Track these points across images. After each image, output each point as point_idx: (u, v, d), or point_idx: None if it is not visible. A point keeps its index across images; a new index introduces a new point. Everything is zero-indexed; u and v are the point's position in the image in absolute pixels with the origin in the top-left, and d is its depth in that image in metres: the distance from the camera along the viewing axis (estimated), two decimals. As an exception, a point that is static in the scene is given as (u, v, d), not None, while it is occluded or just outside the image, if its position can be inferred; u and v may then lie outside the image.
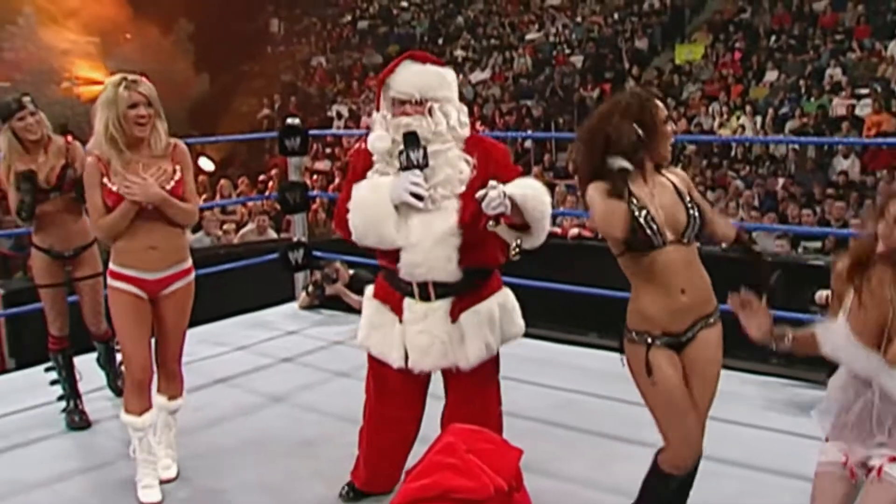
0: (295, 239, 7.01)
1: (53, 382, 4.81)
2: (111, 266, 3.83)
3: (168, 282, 3.84)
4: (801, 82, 15.05)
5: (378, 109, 3.53)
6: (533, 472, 3.41)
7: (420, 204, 3.34)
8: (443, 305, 3.47)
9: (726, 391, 4.94)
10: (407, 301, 3.50)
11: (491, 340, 3.52)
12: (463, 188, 3.41)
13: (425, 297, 3.47)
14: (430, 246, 3.37)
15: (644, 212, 2.89)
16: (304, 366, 5.70)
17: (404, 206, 3.35)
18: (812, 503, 2.74)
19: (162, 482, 3.94)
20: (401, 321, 3.51)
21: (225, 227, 10.86)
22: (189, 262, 3.94)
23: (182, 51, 24.36)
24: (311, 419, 4.76)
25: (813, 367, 4.11)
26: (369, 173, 3.46)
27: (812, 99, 14.64)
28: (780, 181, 12.80)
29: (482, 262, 3.49)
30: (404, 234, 3.37)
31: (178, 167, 3.80)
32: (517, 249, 3.41)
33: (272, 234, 9.93)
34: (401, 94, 3.40)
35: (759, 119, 14.76)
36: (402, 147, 3.35)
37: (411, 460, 3.46)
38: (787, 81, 15.36)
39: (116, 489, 3.99)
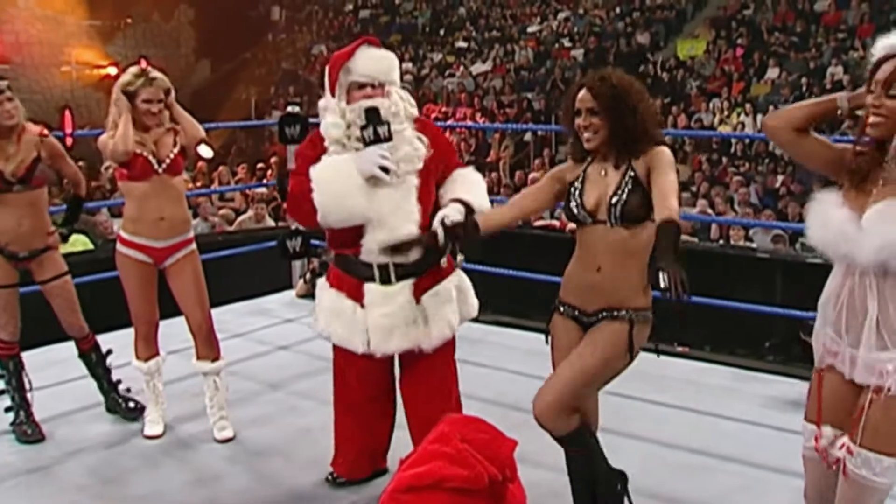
0: (293, 227, 7.00)
1: (1, 392, 4.49)
2: (121, 233, 4.22)
3: (173, 250, 4.24)
4: (803, 80, 15.03)
5: (333, 95, 3.50)
6: (528, 463, 3.41)
7: (387, 177, 3.37)
8: (404, 287, 3.51)
9: (724, 387, 5.01)
10: (367, 286, 3.51)
11: (452, 321, 3.58)
12: (421, 165, 3.49)
13: (386, 280, 3.49)
14: (395, 223, 3.41)
15: (577, 189, 3.06)
16: (301, 353, 5.70)
17: (369, 182, 3.38)
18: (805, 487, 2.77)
19: (220, 441, 4.29)
20: (362, 306, 3.52)
21: (222, 212, 10.84)
22: (192, 234, 4.35)
23: (183, 37, 24.32)
24: (308, 407, 4.76)
25: (808, 363, 4.12)
26: (324, 157, 3.46)
27: (813, 97, 14.59)
28: (780, 178, 12.79)
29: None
30: (376, 207, 3.40)
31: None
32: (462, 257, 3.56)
33: (270, 223, 9.92)
34: (362, 78, 3.43)
35: (759, 116, 14.74)
36: (363, 123, 3.38)
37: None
38: (789, 79, 15.32)
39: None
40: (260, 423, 4.52)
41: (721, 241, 9.73)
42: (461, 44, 21.20)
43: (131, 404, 4.61)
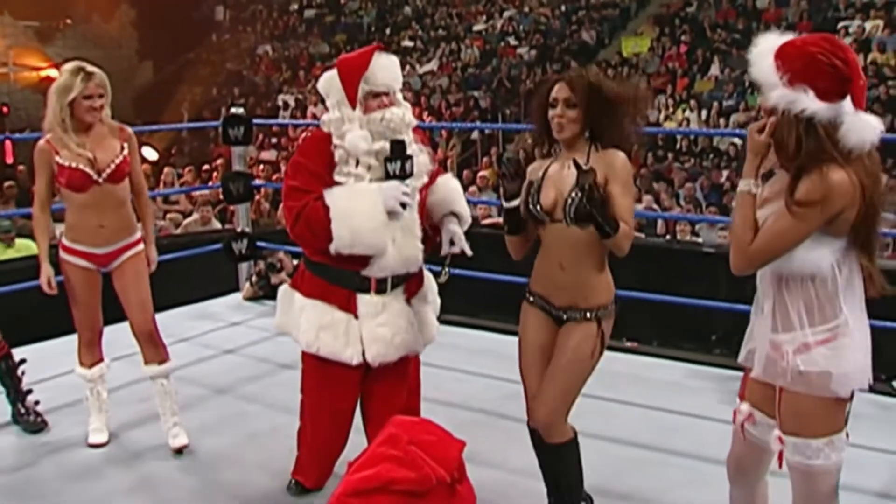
0: (239, 229, 6.93)
1: None
2: (62, 240, 4.13)
3: (116, 255, 4.14)
4: (746, 76, 15.24)
5: (352, 106, 3.37)
6: (477, 463, 3.41)
7: (405, 212, 3.35)
8: (398, 293, 3.50)
9: (672, 382, 5.04)
10: (361, 296, 3.45)
11: (435, 322, 3.66)
12: (426, 179, 3.49)
13: (381, 290, 3.46)
14: (403, 242, 3.40)
15: (534, 188, 3.06)
16: (247, 357, 5.64)
17: (389, 216, 3.34)
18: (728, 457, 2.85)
19: (174, 450, 4.18)
20: (355, 317, 3.45)
21: (170, 216, 10.70)
22: (137, 236, 4.23)
23: (125, 38, 23.97)
24: (255, 411, 4.71)
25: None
26: (337, 176, 3.36)
27: (755, 93, 14.83)
28: (725, 173, 12.96)
29: (429, 249, 3.54)
30: (391, 236, 3.37)
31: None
32: (447, 272, 3.59)
33: (216, 225, 9.81)
34: (379, 88, 3.37)
35: (704, 112, 14.92)
36: (388, 155, 3.32)
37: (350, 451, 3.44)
38: (732, 75, 15.55)
39: None
40: (207, 429, 4.45)
41: (667, 237, 9.82)
42: (407, 43, 21.17)
43: (33, 417, 4.47)
